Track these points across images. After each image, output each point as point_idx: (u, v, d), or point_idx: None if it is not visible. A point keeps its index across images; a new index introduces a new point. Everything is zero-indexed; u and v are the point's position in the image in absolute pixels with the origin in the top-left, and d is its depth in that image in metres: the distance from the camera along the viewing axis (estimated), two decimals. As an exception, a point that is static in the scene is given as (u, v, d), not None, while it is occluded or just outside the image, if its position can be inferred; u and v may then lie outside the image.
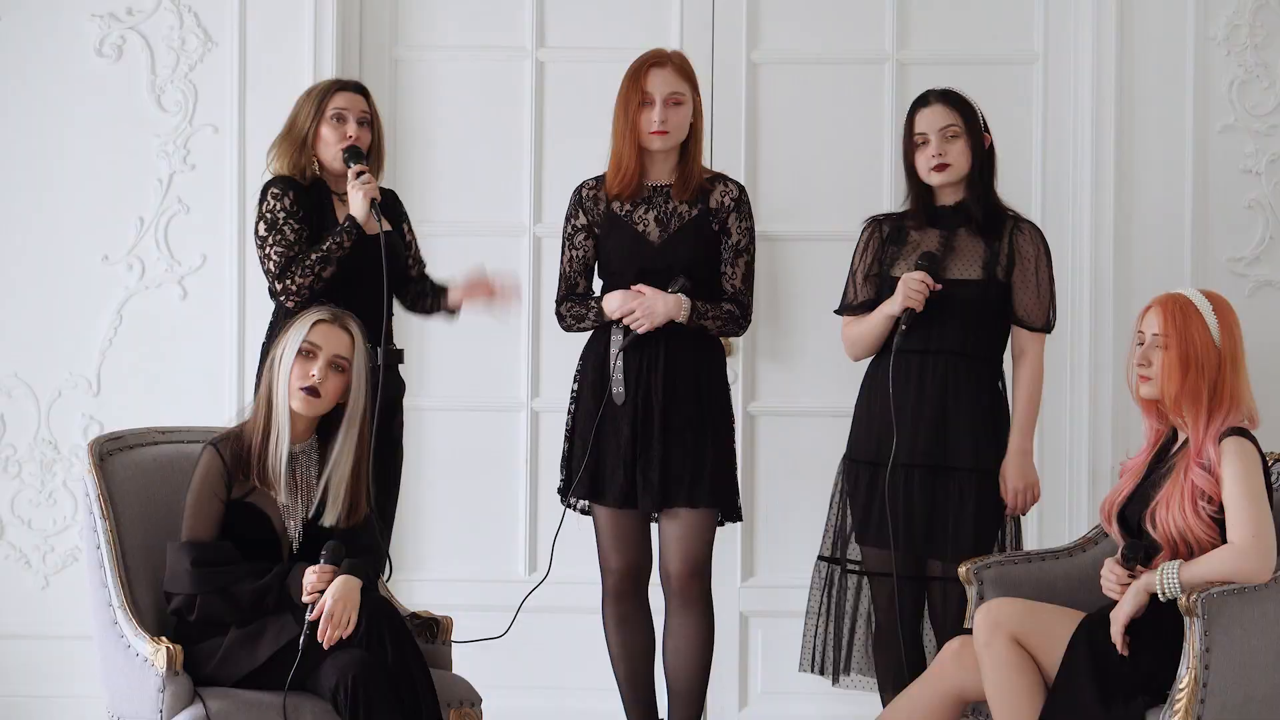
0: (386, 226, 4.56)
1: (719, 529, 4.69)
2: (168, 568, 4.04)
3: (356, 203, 4.55)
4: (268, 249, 4.57)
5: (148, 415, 5.06)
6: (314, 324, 4.08)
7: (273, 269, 4.56)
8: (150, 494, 4.25)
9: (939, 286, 4.42)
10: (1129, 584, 3.99)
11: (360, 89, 4.69)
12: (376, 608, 3.98)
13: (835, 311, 4.62)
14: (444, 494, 5.45)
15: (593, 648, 4.90)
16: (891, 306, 4.47)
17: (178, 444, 4.35)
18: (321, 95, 4.64)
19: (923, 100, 4.56)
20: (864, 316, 4.56)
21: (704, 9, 5.40)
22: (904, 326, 4.42)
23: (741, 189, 4.66)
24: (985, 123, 4.55)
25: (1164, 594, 3.94)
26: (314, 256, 4.54)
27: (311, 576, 3.93)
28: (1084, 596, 4.22)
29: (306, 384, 4.03)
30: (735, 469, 4.67)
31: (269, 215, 4.57)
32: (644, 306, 4.52)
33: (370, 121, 4.67)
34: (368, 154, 4.64)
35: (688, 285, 4.53)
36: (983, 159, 4.53)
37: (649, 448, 4.54)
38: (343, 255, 4.54)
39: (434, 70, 5.43)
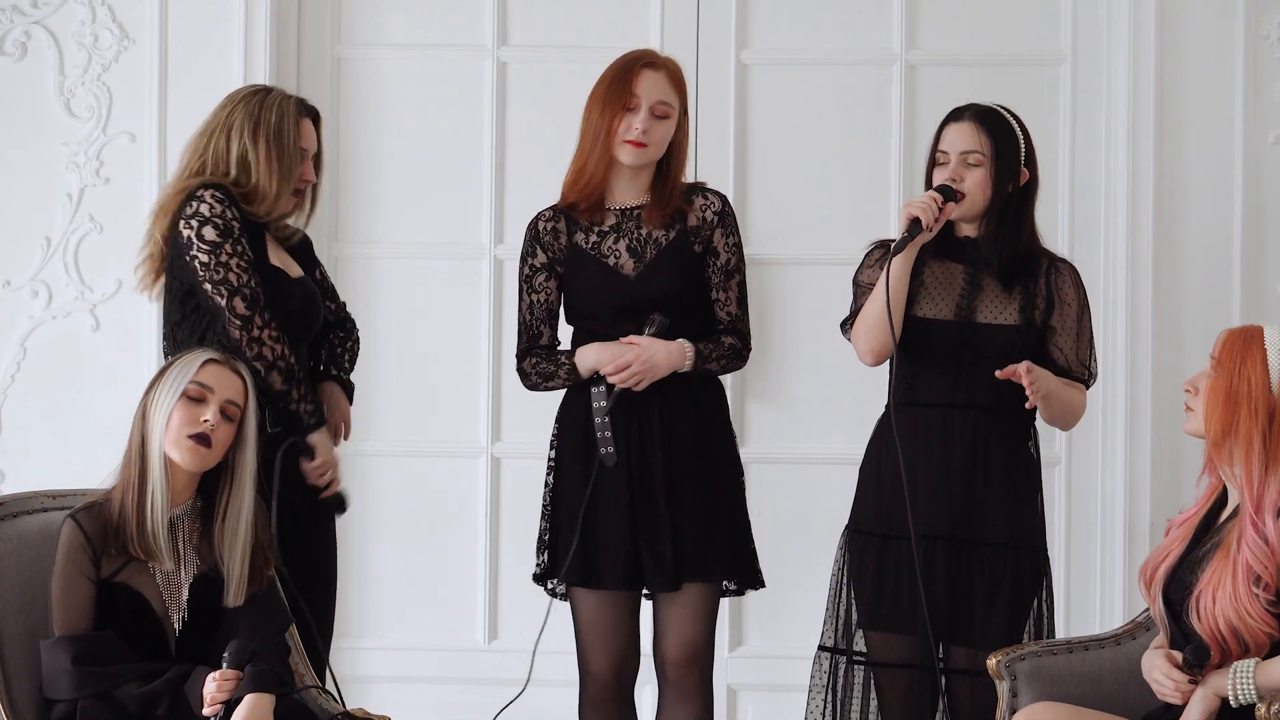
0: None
1: (738, 598, 4.48)
2: (44, 670, 3.70)
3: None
4: (224, 256, 3.95)
5: (55, 463, 4.93)
6: (204, 363, 3.75)
7: (234, 281, 3.94)
8: (36, 572, 3.82)
9: (952, 205, 4.05)
10: (1191, 689, 3.56)
11: (317, 118, 4.22)
12: (289, 715, 3.64)
13: (843, 324, 4.25)
14: (392, 550, 5.20)
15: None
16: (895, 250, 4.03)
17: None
18: (295, 121, 4.10)
19: (956, 114, 4.17)
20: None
21: (688, 2, 5.16)
22: (906, 234, 4.01)
23: (724, 199, 4.26)
24: (1028, 153, 4.16)
25: (1237, 700, 3.52)
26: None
27: (212, 685, 3.58)
28: (1134, 693, 3.80)
29: (196, 430, 3.70)
30: (750, 527, 4.27)
31: (219, 221, 3.97)
32: (643, 360, 4.06)
33: (319, 158, 4.24)
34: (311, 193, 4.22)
35: (665, 323, 4.10)
36: (1009, 196, 4.12)
37: (655, 517, 4.10)
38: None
39: (382, 70, 5.20)
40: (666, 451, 4.10)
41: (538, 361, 4.18)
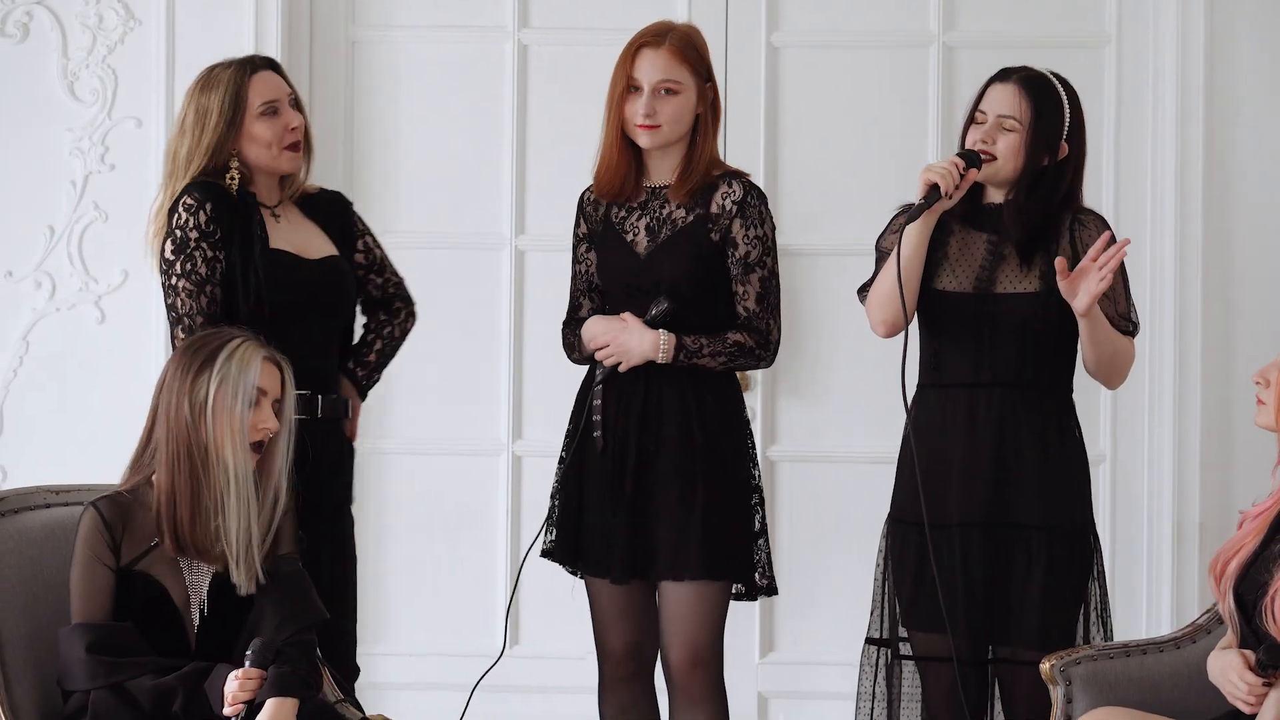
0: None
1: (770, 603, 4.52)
2: (60, 660, 3.62)
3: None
4: (174, 279, 3.90)
5: (58, 460, 4.90)
6: (262, 364, 3.69)
7: (179, 308, 3.89)
8: (38, 571, 3.74)
9: (975, 171, 3.92)
10: (1264, 693, 3.43)
11: (273, 65, 4.10)
12: (313, 717, 3.59)
13: (860, 290, 4.16)
14: (410, 552, 5.17)
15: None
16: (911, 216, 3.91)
17: (75, 506, 3.80)
18: (236, 86, 3.98)
19: (1004, 74, 4.05)
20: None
21: (716, -19, 5.16)
22: (923, 201, 3.89)
23: (748, 189, 4.10)
24: (1074, 127, 4.02)
25: (1313, 705, 3.40)
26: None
27: (234, 684, 3.51)
28: (1194, 700, 3.69)
29: (258, 438, 3.68)
30: (755, 531, 4.12)
31: (178, 233, 3.90)
32: (618, 342, 4.02)
33: (297, 101, 4.11)
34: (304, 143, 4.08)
35: (670, 308, 3.99)
36: (1043, 169, 3.98)
37: (619, 505, 4.03)
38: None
39: (398, 53, 5.17)
40: (644, 441, 4.01)
41: (568, 333, 4.14)
